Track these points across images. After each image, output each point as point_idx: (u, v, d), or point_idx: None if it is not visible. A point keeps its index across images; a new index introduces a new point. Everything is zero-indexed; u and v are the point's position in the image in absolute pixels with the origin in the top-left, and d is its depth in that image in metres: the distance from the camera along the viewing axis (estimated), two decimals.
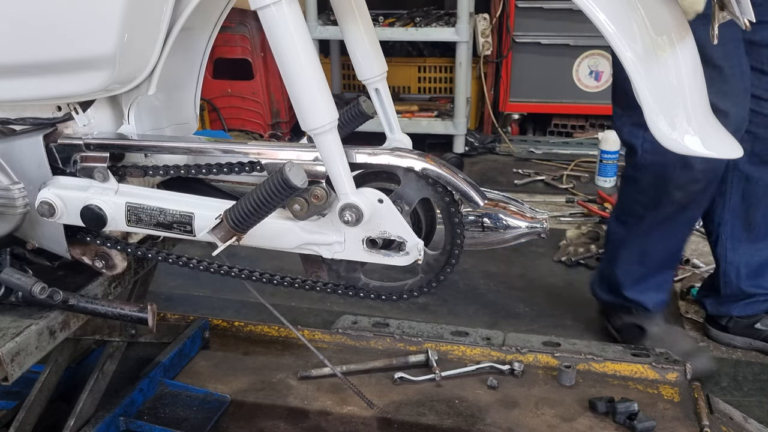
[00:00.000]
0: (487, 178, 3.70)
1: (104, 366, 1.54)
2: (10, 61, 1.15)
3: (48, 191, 1.23)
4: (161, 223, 1.21)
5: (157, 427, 1.58)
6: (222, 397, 1.70)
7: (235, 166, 1.16)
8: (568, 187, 3.53)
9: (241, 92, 4.21)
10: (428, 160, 1.10)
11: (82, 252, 1.33)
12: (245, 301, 2.32)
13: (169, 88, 1.33)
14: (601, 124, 4.10)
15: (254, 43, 4.05)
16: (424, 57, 4.39)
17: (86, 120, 1.24)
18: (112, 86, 1.16)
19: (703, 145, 1.00)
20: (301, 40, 1.00)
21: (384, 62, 1.32)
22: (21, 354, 1.19)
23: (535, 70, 4.05)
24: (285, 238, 1.16)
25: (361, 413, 1.64)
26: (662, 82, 0.97)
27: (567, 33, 3.87)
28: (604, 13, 0.94)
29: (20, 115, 1.26)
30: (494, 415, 1.62)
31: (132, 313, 1.27)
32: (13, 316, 1.25)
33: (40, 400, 1.42)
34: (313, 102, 1.02)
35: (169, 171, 1.21)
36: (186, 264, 1.27)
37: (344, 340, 1.92)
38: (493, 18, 4.02)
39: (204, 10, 1.25)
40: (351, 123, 1.38)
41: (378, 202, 1.09)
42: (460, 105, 3.89)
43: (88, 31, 1.10)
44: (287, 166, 1.02)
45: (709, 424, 1.54)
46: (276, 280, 1.24)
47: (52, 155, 1.24)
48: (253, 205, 1.06)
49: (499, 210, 1.16)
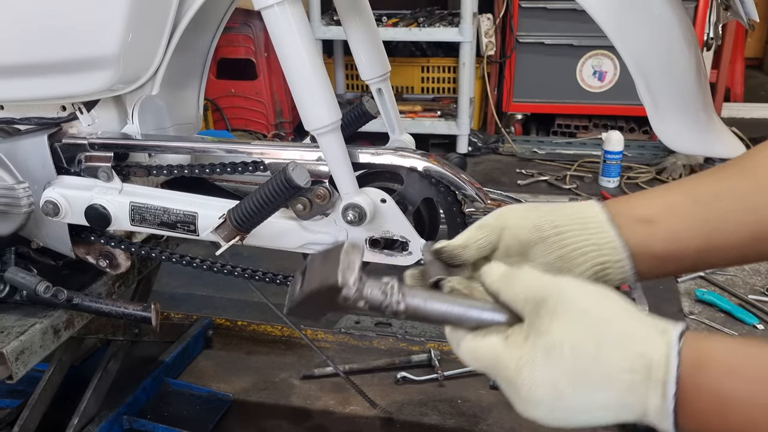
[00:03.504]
0: (491, 178, 3.70)
1: (108, 365, 1.54)
2: (15, 61, 1.15)
3: (52, 190, 1.24)
4: (165, 222, 1.21)
5: (160, 425, 1.58)
6: (225, 396, 1.70)
7: (238, 166, 1.16)
8: (572, 187, 3.52)
9: (244, 92, 4.21)
10: (431, 160, 1.10)
11: (87, 251, 1.33)
12: (248, 301, 2.32)
13: (173, 88, 1.34)
14: (605, 125, 4.09)
15: (258, 44, 4.05)
16: (428, 57, 4.38)
17: (90, 120, 1.24)
18: (117, 86, 1.16)
19: (706, 145, 1.00)
20: (304, 40, 1.00)
21: (387, 62, 1.32)
22: (25, 352, 1.19)
23: (539, 70, 4.05)
24: (288, 238, 1.16)
25: (363, 413, 1.64)
26: (666, 82, 0.97)
27: (570, 33, 3.86)
28: (607, 13, 0.94)
29: (25, 114, 1.26)
30: (497, 416, 1.62)
31: (135, 312, 1.28)
32: (18, 315, 1.26)
33: (44, 399, 1.43)
34: (317, 102, 1.03)
35: (172, 171, 1.21)
36: (189, 263, 1.27)
37: (347, 340, 1.92)
38: (497, 18, 4.02)
39: (208, 11, 1.25)
40: (354, 123, 1.38)
41: (381, 202, 1.09)
42: (463, 105, 3.89)
43: (92, 32, 1.10)
44: (290, 166, 1.03)
45: None
46: (279, 280, 1.25)
47: (57, 155, 1.25)
48: (256, 204, 1.06)
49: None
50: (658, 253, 0.77)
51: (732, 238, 0.76)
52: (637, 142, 3.98)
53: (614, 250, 0.77)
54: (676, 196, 0.79)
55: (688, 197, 0.78)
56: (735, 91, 4.66)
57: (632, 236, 0.77)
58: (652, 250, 0.77)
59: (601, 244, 0.77)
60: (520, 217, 0.81)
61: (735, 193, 0.76)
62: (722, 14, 1.01)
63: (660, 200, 0.79)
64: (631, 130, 4.05)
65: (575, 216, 0.79)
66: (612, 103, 3.97)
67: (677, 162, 3.63)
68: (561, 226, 0.79)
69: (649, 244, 0.77)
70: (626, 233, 0.77)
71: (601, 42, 3.76)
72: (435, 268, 0.79)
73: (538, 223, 0.79)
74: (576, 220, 0.79)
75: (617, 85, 3.93)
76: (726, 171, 0.79)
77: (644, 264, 0.77)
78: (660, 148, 3.87)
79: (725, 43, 4.13)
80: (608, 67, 3.92)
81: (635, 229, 0.77)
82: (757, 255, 0.79)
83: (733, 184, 0.77)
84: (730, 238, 0.76)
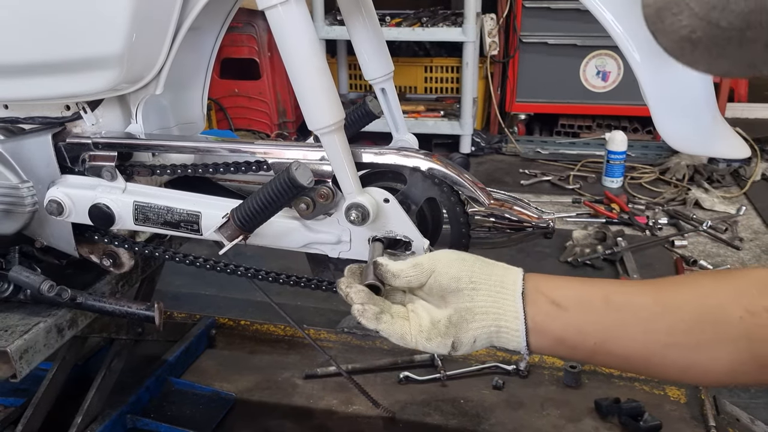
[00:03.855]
0: (494, 178, 3.70)
1: (111, 364, 1.55)
2: (19, 60, 1.16)
3: (56, 190, 1.24)
4: (168, 221, 1.21)
5: (164, 424, 1.58)
6: (228, 395, 1.70)
7: (241, 166, 1.17)
8: (575, 187, 3.52)
9: (248, 92, 4.22)
10: (434, 159, 1.10)
11: (90, 250, 1.33)
12: (251, 300, 2.33)
13: (177, 88, 1.34)
14: (608, 125, 4.09)
15: (261, 43, 4.06)
16: (431, 57, 4.38)
17: (94, 119, 1.24)
18: (121, 86, 1.16)
19: (710, 146, 1.00)
20: (308, 40, 1.00)
21: (390, 62, 1.33)
22: (29, 351, 1.20)
23: (542, 70, 4.04)
24: (291, 237, 1.16)
25: (366, 412, 1.64)
26: (670, 82, 0.97)
27: (574, 33, 3.85)
28: (611, 13, 0.94)
29: (29, 114, 1.27)
30: (499, 415, 1.62)
31: (139, 311, 1.28)
32: (22, 314, 1.26)
33: (47, 397, 1.43)
34: (320, 102, 1.03)
35: (176, 170, 1.22)
36: (193, 263, 1.27)
37: (350, 340, 1.92)
38: (500, 18, 4.02)
39: (212, 11, 1.26)
40: (357, 123, 1.38)
41: (384, 202, 1.09)
42: (466, 105, 3.89)
43: (96, 31, 1.10)
44: (294, 166, 1.03)
45: (715, 425, 1.54)
46: (282, 279, 1.25)
47: (61, 154, 1.25)
48: (259, 204, 1.06)
49: (506, 210, 1.16)
50: (556, 335, 0.86)
51: (623, 350, 0.85)
52: (641, 143, 3.97)
53: (514, 320, 0.86)
54: (593, 292, 0.87)
55: (603, 299, 0.86)
56: (739, 92, 4.65)
57: (537, 313, 0.86)
58: (551, 331, 0.86)
59: (504, 310, 0.87)
60: (447, 264, 0.91)
61: (641, 312, 0.84)
62: None
63: (577, 291, 0.88)
64: (634, 131, 4.04)
65: (495, 278, 0.89)
66: (615, 103, 3.96)
67: (681, 162, 3.62)
68: (477, 283, 0.89)
69: (549, 324, 0.86)
70: (533, 309, 0.86)
71: (604, 42, 3.75)
72: (370, 273, 0.92)
73: (459, 275, 0.89)
74: (493, 282, 0.89)
75: (621, 85, 3.92)
76: (644, 288, 0.87)
77: (539, 340, 0.87)
78: (663, 148, 3.87)
79: None
80: (612, 67, 3.91)
81: (543, 307, 0.87)
82: (646, 371, 0.88)
83: (643, 302, 0.84)
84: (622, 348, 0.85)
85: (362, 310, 0.89)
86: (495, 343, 0.90)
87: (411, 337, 0.91)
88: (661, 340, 0.82)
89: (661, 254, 2.71)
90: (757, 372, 0.80)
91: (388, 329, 0.91)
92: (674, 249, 2.74)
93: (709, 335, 0.80)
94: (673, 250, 2.74)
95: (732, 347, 0.79)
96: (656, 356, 0.83)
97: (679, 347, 0.82)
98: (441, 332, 0.89)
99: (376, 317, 0.91)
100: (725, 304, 0.80)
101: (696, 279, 0.90)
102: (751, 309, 0.78)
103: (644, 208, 3.20)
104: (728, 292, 0.82)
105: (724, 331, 0.79)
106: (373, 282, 0.92)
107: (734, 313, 0.79)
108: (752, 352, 0.78)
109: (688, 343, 0.81)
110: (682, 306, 0.83)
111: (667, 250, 2.75)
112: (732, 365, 0.80)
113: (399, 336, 0.91)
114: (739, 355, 0.79)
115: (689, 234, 2.88)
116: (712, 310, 0.81)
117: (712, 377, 0.84)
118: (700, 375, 0.84)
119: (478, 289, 0.88)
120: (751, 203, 3.23)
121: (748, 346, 0.78)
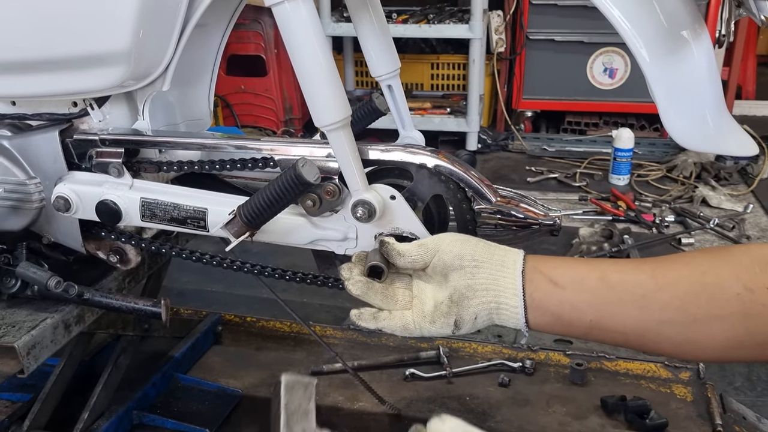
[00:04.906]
0: (500, 175, 3.69)
1: (118, 360, 1.55)
2: (27, 57, 1.16)
3: (64, 186, 1.25)
4: (175, 218, 1.21)
5: (170, 420, 1.59)
6: (234, 391, 1.70)
7: (248, 162, 1.17)
8: (581, 185, 3.51)
9: (254, 89, 4.22)
10: (441, 156, 1.10)
11: (97, 247, 1.34)
12: (257, 297, 2.33)
13: (184, 85, 1.34)
14: (615, 122, 4.08)
15: (267, 40, 4.06)
16: (437, 54, 4.38)
17: (101, 116, 1.25)
18: (128, 82, 1.17)
19: (717, 143, 1.00)
20: (314, 37, 1.00)
21: (397, 59, 1.32)
22: (36, 347, 1.20)
23: (549, 68, 4.03)
24: (297, 234, 1.17)
25: (372, 409, 1.64)
26: (677, 79, 0.97)
27: (581, 30, 3.84)
28: (618, 10, 0.94)
29: (37, 110, 1.27)
30: (505, 413, 1.62)
31: (146, 307, 1.28)
32: (29, 310, 1.27)
33: (54, 393, 1.44)
34: (326, 98, 1.03)
35: (183, 167, 1.22)
36: (199, 259, 1.27)
37: (355, 336, 1.92)
38: (507, 15, 4.01)
39: (218, 7, 1.26)
40: (364, 119, 1.38)
41: (390, 199, 1.09)
42: (473, 102, 3.88)
43: (103, 28, 1.10)
44: (300, 162, 1.03)
45: (722, 423, 1.53)
46: (288, 276, 1.25)
47: (68, 150, 1.25)
48: (266, 200, 1.07)
49: (512, 207, 1.15)
50: (553, 311, 0.89)
51: (618, 326, 0.86)
52: (648, 140, 3.96)
53: (513, 297, 0.89)
54: (589, 271, 0.90)
55: (599, 277, 0.88)
56: (747, 89, 4.63)
57: (536, 290, 0.89)
58: (548, 308, 0.89)
59: (504, 287, 0.90)
60: (451, 243, 0.94)
61: (636, 289, 0.85)
62: (734, 11, 1.00)
63: (574, 270, 0.91)
64: (641, 128, 4.03)
65: (496, 257, 0.92)
66: (622, 100, 3.95)
67: (688, 159, 3.61)
68: (479, 261, 0.91)
69: (548, 301, 0.89)
70: (532, 287, 0.89)
71: (611, 39, 3.75)
72: (377, 255, 0.95)
73: (462, 253, 0.92)
74: (495, 261, 0.91)
75: (628, 83, 3.91)
76: (641, 266, 0.89)
77: (538, 317, 0.90)
78: (671, 145, 3.85)
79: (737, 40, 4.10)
80: (619, 64, 3.90)
81: (541, 285, 0.89)
82: (641, 347, 0.90)
83: (638, 280, 0.86)
84: (617, 324, 0.86)
85: (359, 314, 0.94)
86: (495, 321, 0.93)
87: (414, 325, 0.93)
88: (656, 317, 0.83)
89: (668, 252, 2.70)
90: (753, 349, 0.80)
91: (389, 325, 0.92)
92: (681, 247, 2.74)
93: (704, 311, 0.80)
94: (680, 248, 2.73)
95: (727, 324, 0.79)
96: (651, 332, 0.84)
97: (673, 323, 0.82)
98: (443, 312, 0.91)
99: (373, 317, 0.92)
100: (723, 280, 0.80)
101: (693, 256, 0.90)
102: (750, 286, 0.78)
103: (651, 205, 3.20)
104: (728, 268, 0.82)
105: (720, 307, 0.80)
106: (375, 263, 0.93)
107: (732, 290, 0.79)
108: (748, 329, 0.79)
109: (683, 320, 0.81)
110: (677, 282, 0.83)
111: (673, 248, 2.74)
112: (728, 342, 0.80)
113: (401, 328, 0.93)
114: (734, 332, 0.79)
115: (696, 232, 2.87)
116: (709, 286, 0.81)
117: (708, 353, 0.85)
118: (696, 351, 0.85)
119: (480, 267, 0.90)
120: (759, 201, 3.22)
121: (743, 322, 0.78)
